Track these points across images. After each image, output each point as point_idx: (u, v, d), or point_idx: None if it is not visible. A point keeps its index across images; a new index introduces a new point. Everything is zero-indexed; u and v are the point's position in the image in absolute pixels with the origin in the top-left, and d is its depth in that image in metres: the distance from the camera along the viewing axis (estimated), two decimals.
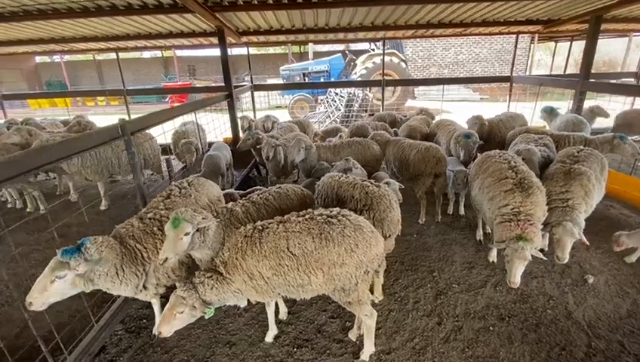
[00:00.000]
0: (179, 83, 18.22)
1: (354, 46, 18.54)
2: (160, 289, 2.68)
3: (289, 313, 3.11)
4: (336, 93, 12.06)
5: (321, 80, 13.78)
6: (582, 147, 4.05)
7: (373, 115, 8.45)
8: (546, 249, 3.79)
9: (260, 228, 2.39)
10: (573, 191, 3.39)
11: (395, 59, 13.26)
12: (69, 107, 20.93)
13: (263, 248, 2.27)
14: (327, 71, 14.03)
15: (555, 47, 19.19)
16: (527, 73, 18.47)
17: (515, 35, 8.88)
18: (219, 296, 2.33)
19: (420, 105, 15.82)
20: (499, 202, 3.28)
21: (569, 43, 16.19)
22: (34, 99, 12.68)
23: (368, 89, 13.39)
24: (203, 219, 2.42)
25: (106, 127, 3.18)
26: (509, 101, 9.17)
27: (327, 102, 12.33)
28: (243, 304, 2.49)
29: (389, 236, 2.99)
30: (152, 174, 6.63)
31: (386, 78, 13.12)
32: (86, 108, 21.78)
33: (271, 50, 30.17)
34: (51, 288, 2.07)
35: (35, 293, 2.04)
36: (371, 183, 3.13)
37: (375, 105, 13.51)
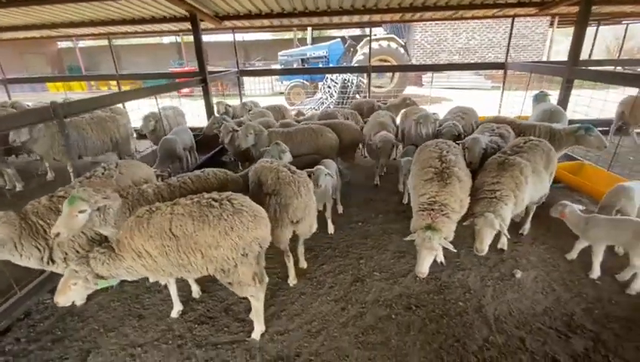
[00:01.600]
0: (186, 68, 18.46)
1: (352, 31, 18.05)
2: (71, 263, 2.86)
3: (203, 291, 3.23)
4: (332, 80, 11.90)
5: (320, 65, 13.61)
6: (531, 138, 3.86)
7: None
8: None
9: (153, 209, 2.48)
10: (503, 182, 3.27)
11: (394, 45, 12.84)
12: (84, 90, 21.86)
13: (149, 229, 2.36)
14: (325, 56, 13.79)
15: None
16: (545, 59, 17.40)
17: (517, 19, 8.31)
18: (110, 271, 2.45)
19: (426, 92, 15.37)
20: (418, 191, 3.23)
21: (595, 28, 15.03)
22: (38, 83, 13.14)
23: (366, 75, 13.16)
24: (103, 198, 2.54)
25: (37, 108, 3.34)
26: (503, 89, 8.74)
27: (323, 88, 12.20)
28: (131, 278, 2.61)
29: (297, 222, 3.01)
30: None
31: (385, 64, 12.83)
32: (100, 92, 22.59)
33: (286, 35, 29.82)
34: None
35: None
36: (288, 169, 3.15)
37: (372, 92, 13.29)
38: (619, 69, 13.79)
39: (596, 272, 3.32)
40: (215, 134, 5.67)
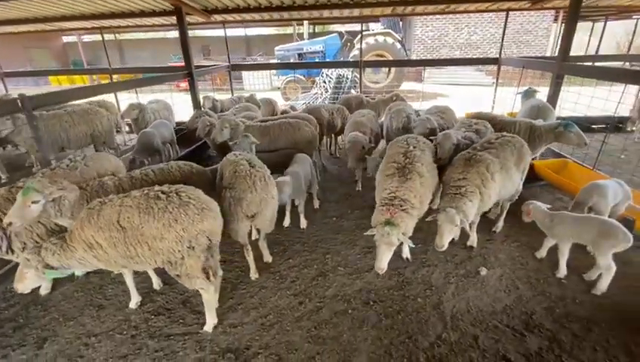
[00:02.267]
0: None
1: (355, 27, 17.86)
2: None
3: (165, 283, 3.25)
4: (327, 75, 11.82)
5: (316, 60, 13.52)
6: (504, 134, 3.79)
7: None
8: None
9: (105, 201, 2.49)
10: (469, 178, 3.22)
11: (390, 40, 12.67)
12: (85, 83, 22.04)
13: (99, 220, 2.37)
14: (322, 51, 13.69)
15: (593, 27, 17.44)
16: (550, 55, 17.04)
17: (521, 13, 8.13)
18: (61, 261, 2.48)
19: (423, 88, 15.19)
20: (380, 186, 3.20)
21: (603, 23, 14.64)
22: (34, 76, 13.21)
23: (363, 70, 13.05)
24: (58, 189, 2.57)
25: (5, 100, 3.38)
26: (496, 84, 8.59)
27: (318, 83, 12.13)
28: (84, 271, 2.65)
29: (253, 216, 3.01)
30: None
31: (381, 59, 12.70)
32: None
33: (289, 30, 29.67)
34: None
35: None
36: (249, 163, 3.14)
37: (367, 87, 13.19)
38: (627, 64, 13.47)
39: (562, 271, 3.26)
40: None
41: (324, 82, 11.79)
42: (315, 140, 4.97)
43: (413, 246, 2.97)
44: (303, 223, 4.18)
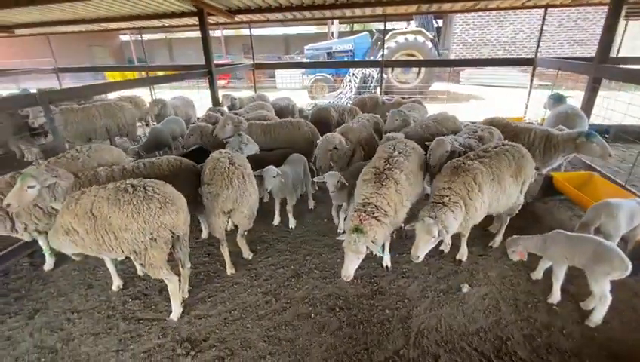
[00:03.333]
0: (222, 60, 19.29)
1: (388, 25, 17.37)
2: (33, 232, 3.24)
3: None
4: (354, 74, 11.70)
5: (345, 59, 13.40)
6: (505, 142, 3.50)
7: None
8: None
9: (85, 191, 2.70)
10: (454, 188, 3.03)
11: (421, 39, 12.14)
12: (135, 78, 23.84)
13: (76, 208, 2.57)
14: (351, 50, 13.51)
15: None
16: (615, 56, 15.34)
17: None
18: (55, 243, 2.75)
19: (459, 89, 14.48)
20: (357, 191, 3.12)
21: None
22: (83, 72, 14.28)
23: (391, 70, 12.75)
24: (52, 176, 2.84)
25: (23, 94, 3.78)
26: (530, 87, 7.93)
27: (345, 83, 12.05)
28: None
29: (229, 212, 3.09)
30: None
31: (411, 58, 12.29)
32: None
33: (311, 29, 29.78)
34: None
35: None
36: (229, 160, 3.22)
37: (395, 87, 12.82)
38: None
39: (555, 296, 2.96)
40: None
41: (350, 81, 11.67)
42: (316, 140, 4.95)
43: (381, 255, 2.86)
44: (292, 223, 4.21)
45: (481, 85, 16.26)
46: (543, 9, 7.53)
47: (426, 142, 3.77)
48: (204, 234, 4.02)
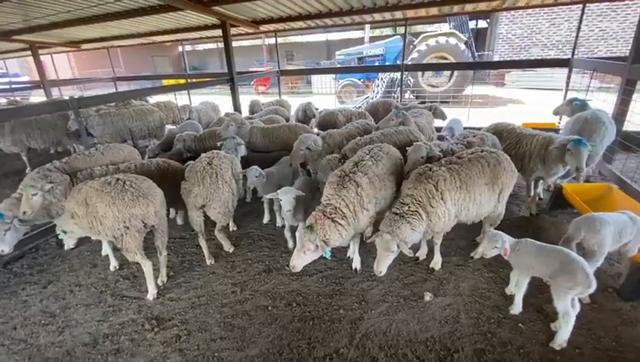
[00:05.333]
0: (266, 67, 20.30)
1: (419, 28, 16.85)
2: None
3: None
4: (382, 78, 11.64)
5: (376, 64, 13.31)
6: (484, 148, 3.35)
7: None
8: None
9: (87, 183, 3.16)
10: (415, 195, 3.01)
11: (453, 41, 11.59)
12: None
13: (78, 196, 3.05)
14: (382, 55, 13.37)
15: None
16: None
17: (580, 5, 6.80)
18: (65, 226, 3.23)
19: (502, 93, 13.61)
20: (324, 191, 3.22)
21: None
22: (139, 80, 15.81)
23: (421, 74, 12.43)
24: (48, 183, 3.34)
25: (56, 100, 4.49)
26: (566, 91, 7.25)
27: (373, 87, 12.03)
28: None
29: (202, 207, 3.39)
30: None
31: (443, 61, 11.87)
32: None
33: (352, 34, 29.68)
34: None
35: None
36: (209, 160, 3.54)
37: (425, 91, 12.42)
38: None
39: (517, 307, 2.81)
40: None
41: (377, 86, 11.62)
42: None
43: (328, 258, 2.94)
44: (279, 222, 4.41)
45: (529, 88, 15.06)
46: (581, 5, 6.87)
47: (407, 148, 3.75)
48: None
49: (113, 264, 3.70)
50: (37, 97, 14.91)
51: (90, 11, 6.83)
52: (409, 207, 2.96)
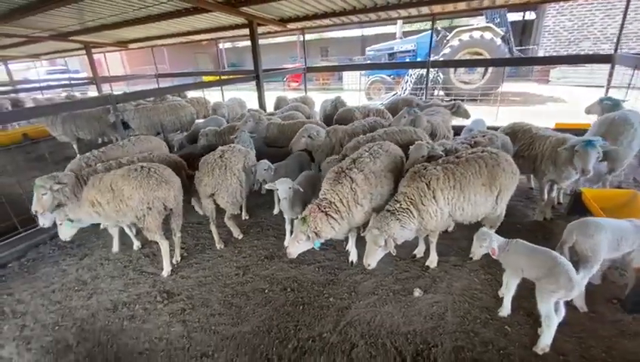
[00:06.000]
0: (297, 64, 20.63)
1: (460, 22, 16.10)
2: None
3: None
4: (411, 74, 11.44)
5: (407, 60, 13.03)
6: (485, 148, 3.32)
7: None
8: None
9: (105, 173, 3.49)
10: (407, 193, 3.09)
11: (488, 35, 10.97)
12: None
13: (100, 185, 3.37)
14: (413, 50, 13.02)
15: None
16: None
17: None
18: (74, 213, 3.52)
19: (541, 90, 12.80)
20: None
21: None
22: (177, 77, 16.67)
23: (453, 70, 12.01)
24: (56, 183, 3.64)
25: (99, 96, 5.06)
26: (607, 88, 6.70)
27: (402, 84, 11.86)
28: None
29: (211, 196, 3.71)
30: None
31: (477, 57, 11.38)
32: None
33: (386, 29, 28.92)
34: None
35: None
36: (218, 153, 3.85)
37: (458, 88, 11.97)
38: None
39: (505, 309, 2.81)
40: None
41: (407, 82, 11.44)
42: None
43: (317, 248, 3.11)
44: (276, 210, 4.63)
45: (576, 85, 13.94)
46: None
47: (410, 146, 3.79)
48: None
49: (136, 243, 4.14)
50: (93, 92, 16.55)
51: (133, 14, 7.49)
52: (400, 205, 3.05)
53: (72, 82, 14.35)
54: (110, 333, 2.98)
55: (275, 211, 4.80)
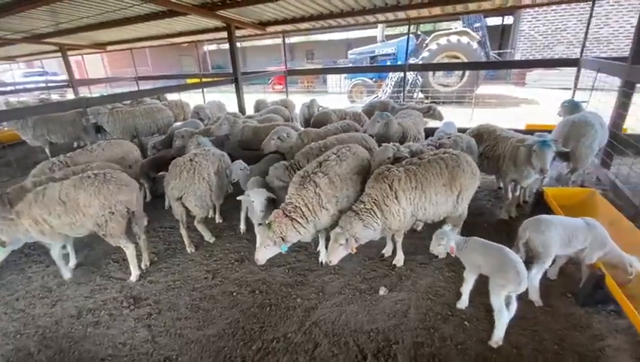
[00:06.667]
0: (281, 67, 20.65)
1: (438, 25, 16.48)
2: None
3: None
4: (391, 78, 11.63)
5: (388, 63, 13.25)
6: (448, 150, 3.42)
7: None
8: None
9: (46, 186, 3.25)
10: (371, 194, 3.17)
11: (465, 40, 11.30)
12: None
13: (44, 200, 3.16)
14: (394, 53, 13.26)
15: None
16: None
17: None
18: (9, 235, 3.26)
19: (517, 93, 13.16)
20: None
21: None
22: (157, 80, 16.30)
23: (432, 73, 12.27)
24: None
25: (70, 100, 4.97)
26: (575, 90, 6.97)
27: (383, 87, 12.03)
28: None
29: (179, 199, 3.71)
30: None
31: (454, 61, 11.65)
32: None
33: (371, 32, 29.39)
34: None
35: None
36: (188, 157, 3.85)
37: (436, 91, 12.22)
38: None
39: (463, 302, 2.93)
40: None
41: (387, 85, 11.61)
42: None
43: (284, 252, 3.15)
44: (242, 227, 4.58)
45: (551, 88, 14.42)
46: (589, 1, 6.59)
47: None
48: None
49: (73, 261, 3.88)
50: (71, 95, 16.17)
51: (109, 16, 7.39)
52: (365, 205, 3.12)
53: (49, 85, 13.99)
54: (73, 340, 2.93)
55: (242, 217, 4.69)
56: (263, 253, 3.08)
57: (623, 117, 4.97)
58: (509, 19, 19.58)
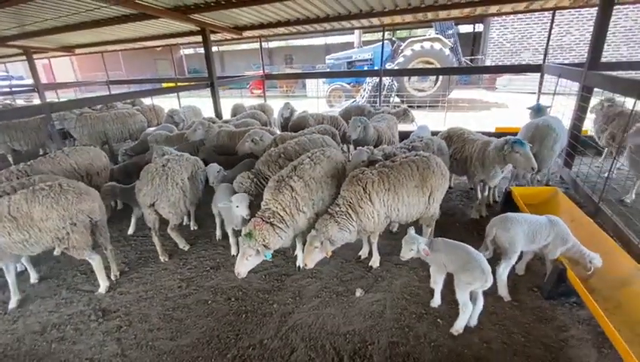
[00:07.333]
0: (259, 72, 20.57)
1: (413, 32, 16.97)
2: None
3: None
4: (369, 82, 11.83)
5: (365, 68, 13.50)
6: (419, 153, 3.51)
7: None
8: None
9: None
10: (346, 196, 3.20)
11: (437, 46, 11.73)
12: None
13: None
14: (370, 59, 13.55)
15: None
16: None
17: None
18: None
19: (487, 97, 13.67)
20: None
21: None
22: (130, 84, 15.79)
23: (407, 78, 12.58)
24: None
25: (32, 105, 4.75)
26: (539, 94, 7.34)
27: (361, 91, 12.22)
28: None
29: (150, 206, 3.60)
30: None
31: (428, 66, 12.02)
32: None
33: (349, 38, 29.92)
34: None
35: None
36: (160, 163, 3.75)
37: (411, 95, 12.56)
38: None
39: (436, 301, 3.01)
40: None
41: (364, 90, 11.80)
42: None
43: (269, 259, 3.12)
44: (218, 234, 4.49)
45: (519, 92, 15.12)
46: (551, 12, 7.00)
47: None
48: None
49: (34, 276, 3.68)
50: (37, 100, 15.39)
51: (76, 18, 7.12)
52: (340, 208, 3.15)
53: (13, 90, 13.28)
54: (36, 357, 2.78)
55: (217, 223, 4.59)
56: (245, 265, 2.98)
57: (582, 119, 5.27)
58: (479, 27, 20.45)
